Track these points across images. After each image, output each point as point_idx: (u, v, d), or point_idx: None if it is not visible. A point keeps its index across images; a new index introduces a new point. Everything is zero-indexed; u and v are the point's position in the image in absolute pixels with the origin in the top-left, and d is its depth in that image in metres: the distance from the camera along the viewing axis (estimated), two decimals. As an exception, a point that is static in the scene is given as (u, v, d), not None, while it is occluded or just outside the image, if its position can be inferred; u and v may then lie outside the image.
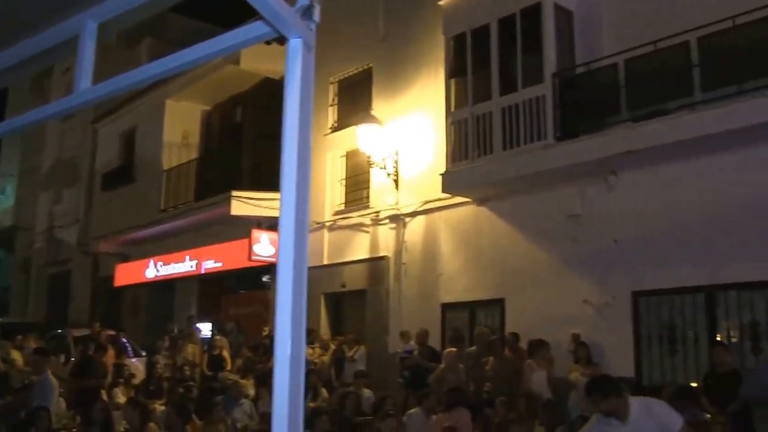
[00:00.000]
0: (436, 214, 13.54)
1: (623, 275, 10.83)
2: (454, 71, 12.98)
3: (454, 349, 11.53)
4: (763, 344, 9.58)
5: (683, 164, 10.29)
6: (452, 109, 12.86)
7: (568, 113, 11.47)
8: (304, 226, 1.81)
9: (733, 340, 9.99)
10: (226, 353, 14.48)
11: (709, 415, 8.33)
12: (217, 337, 15.33)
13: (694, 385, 9.51)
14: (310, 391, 11.31)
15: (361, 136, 14.20)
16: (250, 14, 1.96)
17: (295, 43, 1.88)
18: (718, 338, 9.98)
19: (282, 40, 1.91)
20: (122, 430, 9.80)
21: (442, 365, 11.08)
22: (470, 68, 12.68)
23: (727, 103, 9.58)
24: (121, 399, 11.54)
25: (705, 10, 10.11)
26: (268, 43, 2.11)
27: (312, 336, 13.63)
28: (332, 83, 16.44)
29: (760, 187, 9.71)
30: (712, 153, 9.96)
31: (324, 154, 16.04)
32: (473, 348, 11.54)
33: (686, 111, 10.06)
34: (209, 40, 2.04)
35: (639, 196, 10.78)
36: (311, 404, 10.69)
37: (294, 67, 1.88)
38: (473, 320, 12.83)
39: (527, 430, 7.62)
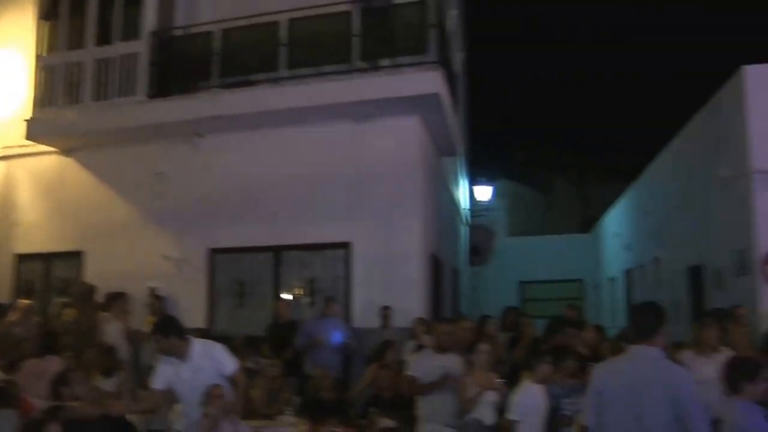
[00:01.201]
0: (18, 161, 12.87)
1: (202, 233, 11.42)
2: (47, 13, 12.42)
3: (27, 301, 11.16)
4: (316, 298, 10.83)
5: (262, 133, 11.20)
6: (43, 53, 12.33)
7: (162, 73, 11.70)
8: None
9: (296, 294, 11.11)
10: None
11: (267, 362, 9.23)
12: None
13: (261, 335, 10.42)
14: None
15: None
16: None
17: None
18: (283, 294, 11.02)
19: None
20: None
21: (11, 317, 10.66)
22: (66, 12, 12.26)
23: (307, 83, 10.64)
24: None
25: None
26: None
27: None
28: None
29: (323, 160, 10.96)
30: (288, 126, 11.02)
31: None
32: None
33: (270, 85, 10.94)
34: None
35: (221, 159, 11.44)
36: None
37: None
38: (50, 272, 12.52)
39: (85, 378, 7.74)
